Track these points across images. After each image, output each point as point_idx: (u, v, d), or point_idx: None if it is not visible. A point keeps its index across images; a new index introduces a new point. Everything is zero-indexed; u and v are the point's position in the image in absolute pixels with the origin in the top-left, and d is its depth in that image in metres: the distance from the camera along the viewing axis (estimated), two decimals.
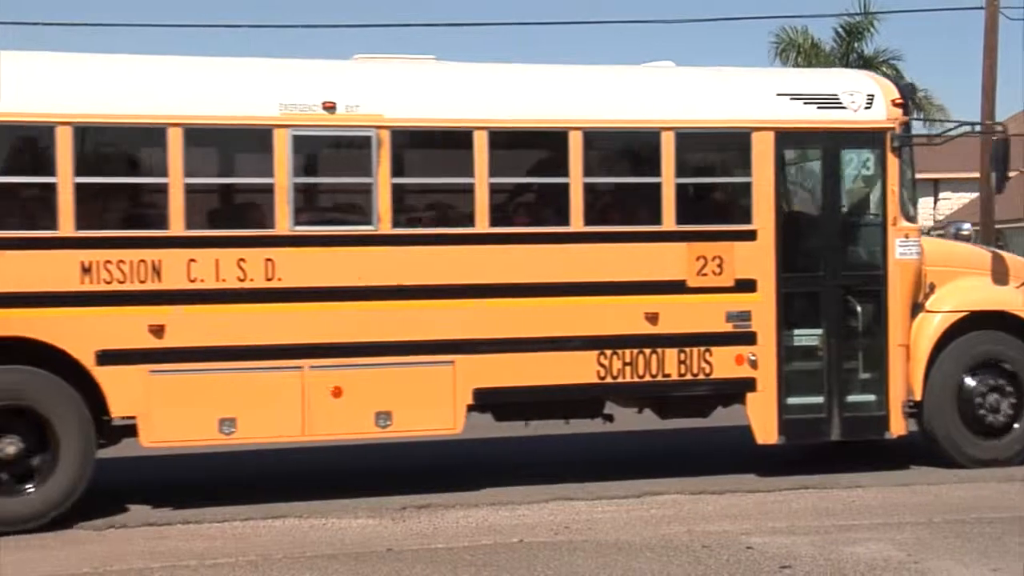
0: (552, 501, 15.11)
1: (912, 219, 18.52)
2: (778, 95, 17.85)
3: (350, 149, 16.75)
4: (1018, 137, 20.82)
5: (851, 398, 17.75)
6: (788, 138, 17.74)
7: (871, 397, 17.76)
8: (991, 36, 41.50)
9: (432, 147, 17.60)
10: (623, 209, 17.59)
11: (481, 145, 16.23)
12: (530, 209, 17.51)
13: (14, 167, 15.67)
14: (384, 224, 16.10)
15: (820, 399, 17.59)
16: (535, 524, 13.93)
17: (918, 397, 17.63)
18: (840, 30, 56.78)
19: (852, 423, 17.72)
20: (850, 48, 57.00)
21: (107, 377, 15.00)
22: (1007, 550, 11.96)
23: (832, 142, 18.00)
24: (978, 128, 27.95)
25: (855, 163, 18.38)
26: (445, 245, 16.47)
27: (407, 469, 18.51)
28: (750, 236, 17.16)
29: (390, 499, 15.25)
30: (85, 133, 15.31)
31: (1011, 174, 20.95)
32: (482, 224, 16.39)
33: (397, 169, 16.32)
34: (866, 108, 17.89)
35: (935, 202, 70.89)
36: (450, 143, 17.08)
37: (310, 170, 16.64)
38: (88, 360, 14.88)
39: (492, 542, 12.97)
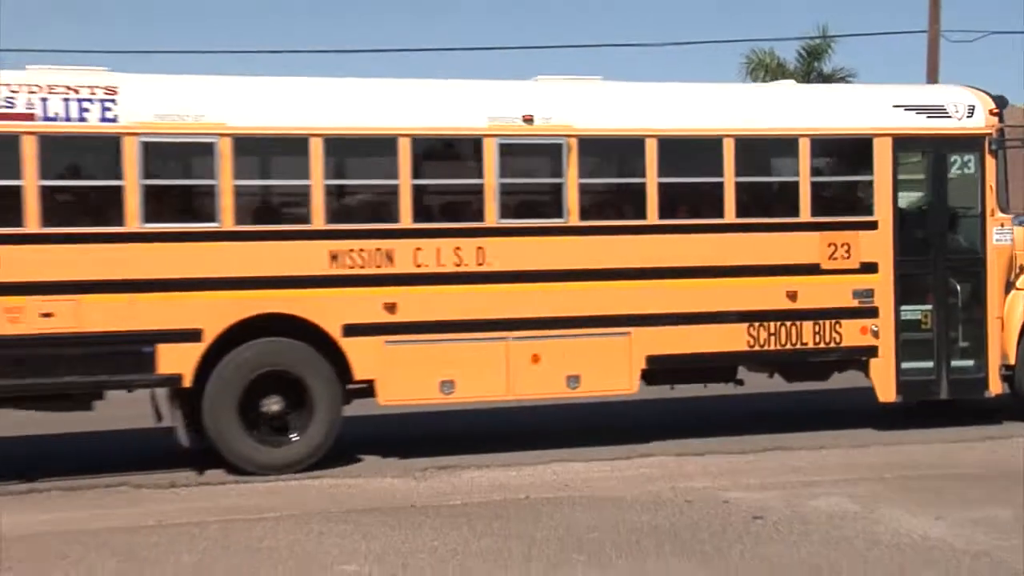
0: (554, 463, 15.66)
1: (1005, 210, 19.47)
2: (894, 107, 18.88)
3: (544, 155, 17.53)
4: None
5: (955, 363, 18.77)
6: (903, 143, 18.69)
7: (972, 362, 18.76)
8: (933, 57, 42.21)
9: (610, 153, 18.43)
10: (767, 204, 18.64)
11: (652, 151, 17.32)
12: (691, 204, 18.26)
13: (272, 172, 17.37)
14: (573, 217, 17.23)
15: (930, 364, 18.67)
16: (539, 483, 14.56)
17: (1012, 362, 18.75)
18: (802, 51, 58.49)
19: (957, 384, 18.81)
20: (811, 67, 58.25)
21: (351, 347, 16.26)
22: (947, 501, 12.68)
23: (940, 146, 19.05)
24: None
25: (959, 163, 19.29)
26: (622, 235, 17.55)
27: (426, 436, 18.92)
28: (872, 226, 18.27)
29: (414, 461, 15.81)
30: (333, 144, 16.44)
31: None
32: (652, 217, 17.50)
33: (583, 171, 17.36)
34: (968, 117, 18.98)
35: None
36: (626, 149, 18.02)
37: (512, 172, 17.36)
38: (336, 333, 16.15)
39: (502, 498, 13.59)
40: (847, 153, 19.35)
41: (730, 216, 17.90)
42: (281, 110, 16.77)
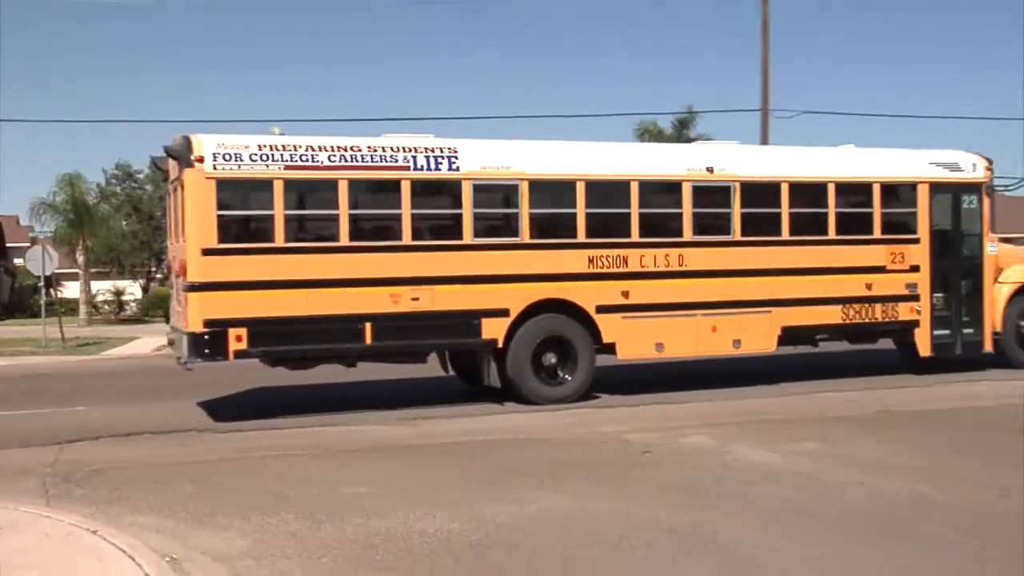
0: (506, 414, 17.32)
1: (993, 231, 23.71)
2: (929, 163, 22.89)
3: (719, 194, 20.98)
4: None
5: (965, 331, 22.91)
6: (935, 187, 22.65)
7: (974, 330, 22.98)
8: (764, 127, 43.34)
9: (759, 192, 21.35)
10: (854, 226, 22.06)
11: (785, 192, 21.24)
12: (807, 225, 21.69)
13: (553, 204, 20.20)
14: (736, 235, 20.73)
15: (949, 331, 22.76)
16: (496, 428, 15.99)
17: (999, 329, 23.10)
18: (675, 122, 63.46)
19: (966, 345, 22.84)
20: (681, 133, 62.10)
21: (601, 320, 19.46)
22: (779, 438, 14.14)
23: (956, 189, 22.96)
24: None
25: (967, 201, 23.27)
26: (766, 247, 21.08)
27: (415, 397, 20.29)
28: (916, 242, 22.30)
29: (406, 412, 17.61)
30: (590, 185, 19.93)
31: None
32: (785, 235, 21.16)
33: (744, 204, 20.99)
34: (973, 171, 23.17)
35: None
36: (770, 190, 21.32)
37: (698, 204, 20.67)
38: (591, 311, 19.39)
39: (468, 440, 15.02)
40: (901, 194, 22.64)
41: (832, 234, 21.54)
42: (559, 162, 19.86)
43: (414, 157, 18.42)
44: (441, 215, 18.99)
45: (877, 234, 21.93)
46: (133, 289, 68.18)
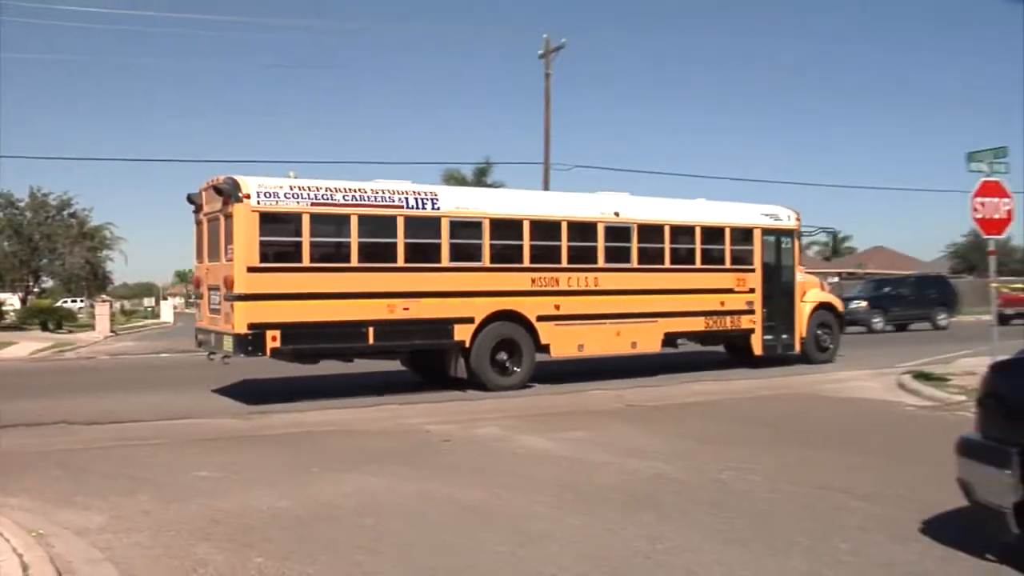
0: (327, 409, 17.30)
1: (802, 265, 27.53)
2: (762, 214, 26.03)
3: (623, 232, 23.51)
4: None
5: (783, 337, 26.26)
6: (765, 231, 25.94)
7: (788, 336, 26.36)
8: (546, 177, 45.33)
9: (652, 232, 24.14)
10: (712, 258, 24.93)
11: (667, 231, 24.22)
12: (682, 256, 24.43)
13: (507, 237, 22.12)
14: (634, 263, 23.53)
15: (773, 337, 26.00)
16: (319, 421, 15.96)
17: (804, 335, 26.75)
18: (476, 170, 66.94)
19: (784, 347, 26.15)
20: (480, 180, 65.29)
21: (539, 327, 21.82)
22: (553, 427, 14.54)
23: (778, 233, 26.35)
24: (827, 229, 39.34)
25: (785, 242, 26.66)
26: (654, 272, 23.87)
27: (252, 395, 20.36)
28: (752, 271, 25.53)
29: (243, 407, 17.90)
30: (533, 223, 22.33)
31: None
32: (667, 263, 24.11)
33: (640, 240, 23.65)
34: (788, 220, 26.64)
35: None
36: (656, 229, 24.26)
37: (608, 239, 23.21)
38: (533, 319, 21.72)
39: (298, 431, 15.05)
40: (743, 235, 25.55)
41: (698, 263, 24.56)
42: (511, 205, 22.44)
43: (406, 198, 20.41)
44: (425, 244, 20.47)
45: (728, 264, 24.90)
46: (12, 301, 68.82)
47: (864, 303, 45.59)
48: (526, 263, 21.71)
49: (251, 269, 18.54)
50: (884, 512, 8.78)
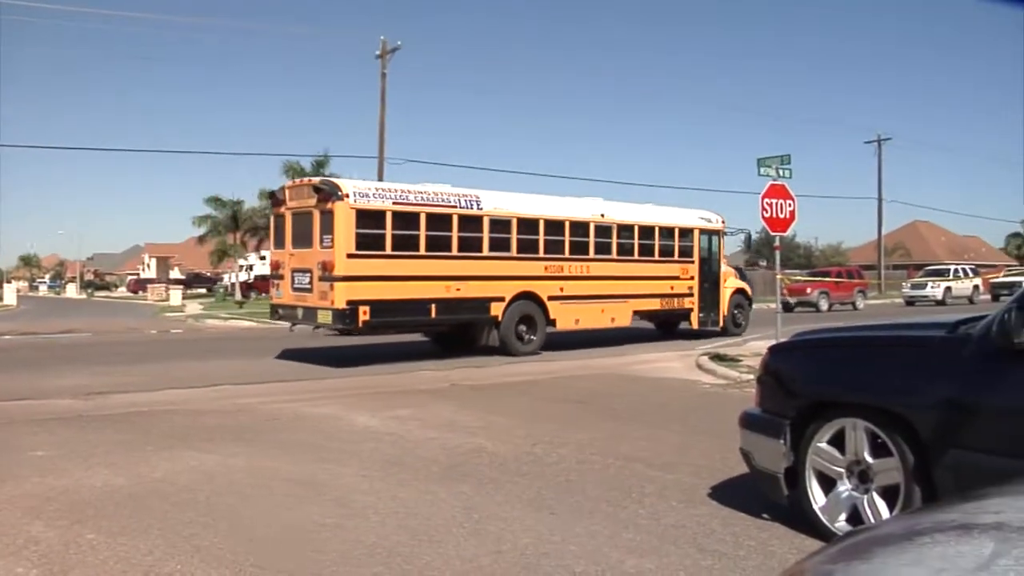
0: (168, 390, 12.97)
1: (725, 257, 23.69)
2: (699, 217, 22.36)
3: (608, 230, 20.20)
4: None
5: (712, 315, 22.25)
6: (702, 231, 22.15)
7: (715, 315, 22.34)
8: (380, 171, 37.51)
9: (624, 229, 20.77)
10: (665, 251, 21.32)
11: (636, 230, 20.79)
12: (646, 250, 21.05)
13: (529, 233, 19.04)
14: (614, 255, 20.16)
15: (705, 315, 22.06)
16: (158, 402, 11.84)
17: (725, 314, 22.71)
18: (314, 162, 54.18)
19: (712, 323, 22.31)
20: (319, 171, 52.55)
21: (550, 305, 18.82)
22: (381, 406, 11.19)
23: (710, 233, 22.48)
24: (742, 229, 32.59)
25: (714, 240, 22.75)
26: (627, 263, 20.47)
27: (98, 377, 14.91)
28: (692, 263, 21.72)
29: (84, 389, 12.86)
30: (547, 222, 19.34)
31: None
32: (636, 255, 20.74)
33: (619, 237, 20.33)
34: (717, 223, 22.81)
35: None
36: (629, 228, 20.83)
37: (596, 236, 20.11)
38: (545, 299, 18.77)
39: (134, 411, 11.03)
40: (686, 234, 21.99)
41: (656, 256, 21.06)
42: (532, 207, 19.20)
43: (459, 200, 17.80)
44: (471, 237, 17.88)
45: (676, 257, 21.48)
46: None
47: None
48: (541, 254, 18.92)
49: (349, 256, 16.13)
50: (679, 480, 6.77)
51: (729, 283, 23.56)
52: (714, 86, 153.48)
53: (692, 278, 21.93)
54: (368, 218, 16.60)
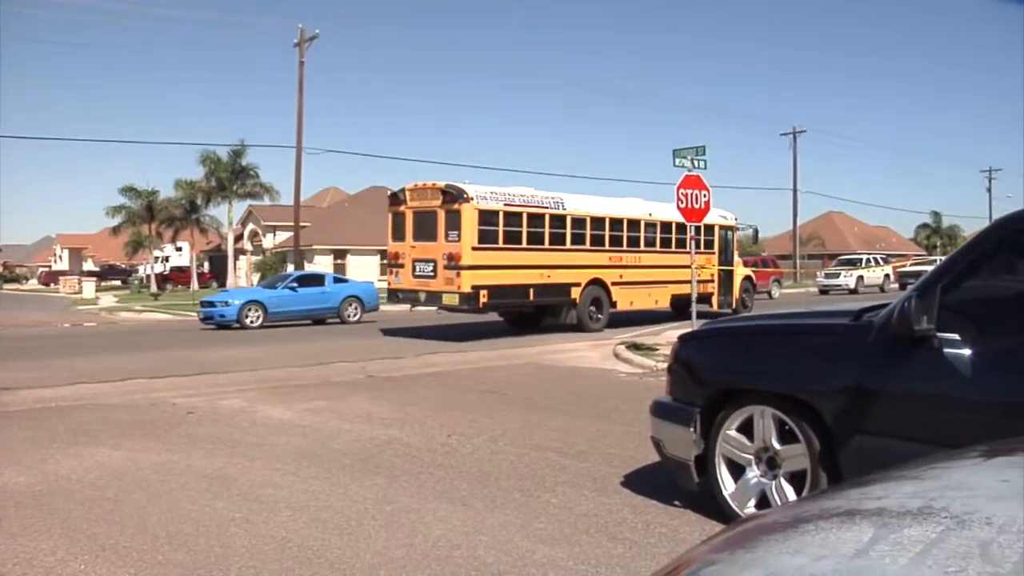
0: (78, 384, 12.41)
1: (736, 250, 28.55)
2: (719, 215, 25.85)
3: (655, 227, 23.50)
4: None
5: (727, 297, 26.29)
6: (721, 227, 26.14)
7: (729, 297, 26.37)
8: (298, 162, 36.68)
9: (665, 225, 23.61)
10: (674, 244, 23.80)
11: (674, 227, 23.35)
12: (681, 243, 22.91)
13: (597, 230, 21.88)
14: (657, 247, 23.62)
15: (722, 298, 26.08)
16: (66, 396, 11.34)
17: (737, 297, 26.57)
18: (231, 152, 53.48)
19: (727, 304, 25.96)
20: (235, 160, 53.45)
21: (613, 289, 22.23)
22: (296, 398, 10.92)
23: (726, 229, 26.80)
24: (751, 225, 39.52)
25: (729, 235, 27.04)
26: (668, 254, 23.43)
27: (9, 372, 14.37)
28: (714, 253, 25.63)
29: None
30: (611, 220, 22.13)
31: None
32: (674, 247, 23.54)
33: (660, 232, 23.63)
34: (733, 220, 27.55)
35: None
36: (669, 225, 23.52)
37: (645, 231, 23.27)
38: (609, 284, 22.05)
39: (43, 407, 10.52)
40: (709, 229, 25.11)
41: (687, 248, 22.95)
42: (600, 208, 22.62)
43: (550, 202, 21.35)
44: (558, 233, 21.34)
45: (703, 249, 24.66)
46: None
47: None
48: (606, 246, 22.74)
49: (473, 248, 19.57)
50: (592, 468, 7.13)
51: (739, 271, 28.17)
52: (634, 80, 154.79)
53: (714, 266, 26.26)
54: (486, 217, 20.13)
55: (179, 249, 75.38)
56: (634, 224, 23.46)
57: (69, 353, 17.95)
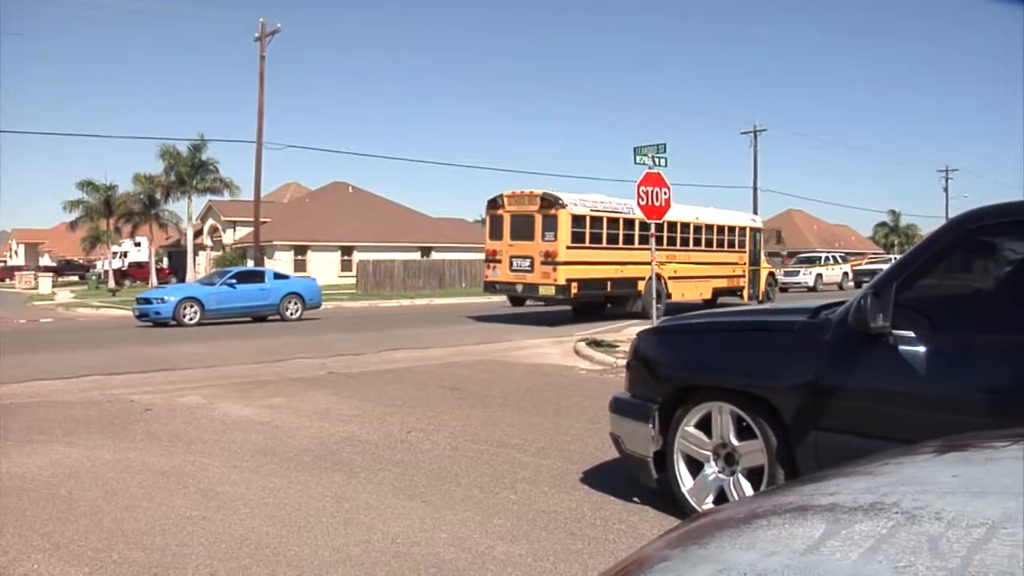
0: (33, 381, 11.97)
1: (763, 249, 32.65)
2: (749, 219, 31.54)
3: (703, 228, 26.54)
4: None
5: (753, 289, 29.63)
6: (751, 229, 30.14)
7: (756, 290, 29.77)
8: (258, 158, 36.80)
9: (709, 227, 26.99)
10: (731, 244, 28.15)
11: (715, 229, 27.24)
12: (723, 243, 27.65)
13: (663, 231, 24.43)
14: (702, 246, 26.57)
15: (750, 290, 29.40)
16: (21, 394, 10.94)
17: (763, 290, 30.31)
18: (191, 146, 52.99)
19: (753, 296, 29.36)
20: (195, 155, 52.87)
21: (669, 283, 24.89)
22: (254, 395, 10.75)
23: (754, 231, 30.53)
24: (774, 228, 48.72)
25: (757, 236, 30.50)
26: (712, 252, 26.94)
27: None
28: (745, 252, 29.19)
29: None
30: (668, 223, 23.82)
31: None
32: (715, 247, 27.18)
33: (705, 233, 26.72)
34: (759, 223, 32.47)
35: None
36: (713, 227, 27.24)
37: (694, 232, 26.24)
38: (667, 278, 24.56)
39: (9, 403, 9.93)
40: (742, 231, 29.23)
41: (726, 248, 28.07)
42: (669, 213, 23.95)
43: (621, 206, 23.57)
44: (628, 234, 23.76)
45: (736, 248, 29.13)
46: None
47: None
48: (665, 245, 24.66)
49: (567, 247, 22.21)
50: (552, 465, 7.14)
51: (764, 268, 31.84)
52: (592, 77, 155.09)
53: (744, 263, 29.73)
54: (577, 221, 22.83)
55: (138, 245, 74.51)
56: (685, 227, 26.51)
57: (24, 349, 17.64)
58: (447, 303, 36.88)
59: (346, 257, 56.32)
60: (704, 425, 5.31)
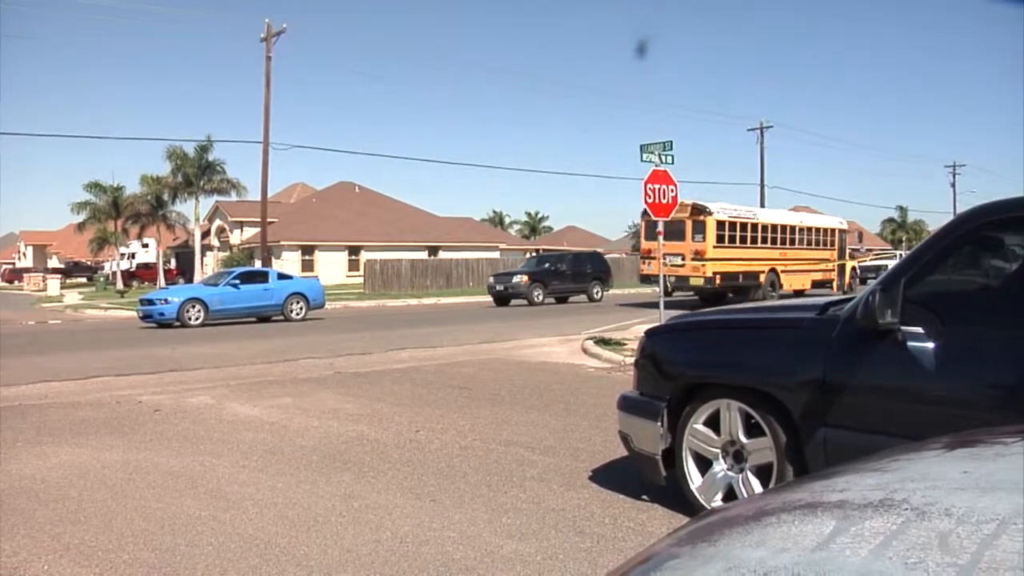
0: (42, 383, 12.16)
1: (847, 249, 36.25)
2: (838, 221, 35.45)
3: (800, 230, 31.14)
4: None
5: (840, 281, 33.04)
6: (839, 231, 34.12)
7: (842, 282, 33.04)
8: (265, 159, 36.50)
9: (806, 229, 31.58)
10: (824, 244, 32.57)
11: (807, 230, 31.65)
12: (813, 242, 31.81)
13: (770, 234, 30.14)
14: (804, 245, 31.17)
15: (839, 282, 32.79)
16: (30, 395, 11.05)
17: (848, 283, 33.64)
18: (197, 148, 53.36)
19: (840, 287, 32.64)
20: (202, 156, 53.23)
21: (782, 276, 29.20)
22: (262, 395, 10.77)
23: (840, 232, 34.08)
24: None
25: (842, 236, 33.89)
26: (808, 249, 31.21)
27: None
28: (834, 249, 33.16)
29: None
30: (785, 227, 30.53)
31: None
32: (809, 246, 31.53)
33: (800, 234, 31.18)
34: (844, 224, 35.66)
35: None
36: (808, 230, 31.65)
37: (791, 233, 30.56)
38: (780, 271, 29.18)
39: (5, 406, 10.08)
40: (832, 231, 33.50)
41: (821, 246, 32.34)
42: (772, 217, 31.14)
43: (749, 213, 29.14)
44: (754, 236, 28.48)
45: (828, 246, 33.19)
46: None
47: (525, 278, 34.28)
48: (777, 245, 29.91)
49: (714, 247, 26.87)
50: (560, 463, 7.13)
51: (848, 264, 35.49)
52: (604, 76, 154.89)
53: (833, 260, 33.63)
54: (720, 225, 27.57)
55: (145, 246, 74.77)
56: (792, 229, 31.44)
57: (33, 351, 17.72)
58: (454, 302, 37.03)
59: (353, 257, 56.56)
60: (713, 423, 5.29)
